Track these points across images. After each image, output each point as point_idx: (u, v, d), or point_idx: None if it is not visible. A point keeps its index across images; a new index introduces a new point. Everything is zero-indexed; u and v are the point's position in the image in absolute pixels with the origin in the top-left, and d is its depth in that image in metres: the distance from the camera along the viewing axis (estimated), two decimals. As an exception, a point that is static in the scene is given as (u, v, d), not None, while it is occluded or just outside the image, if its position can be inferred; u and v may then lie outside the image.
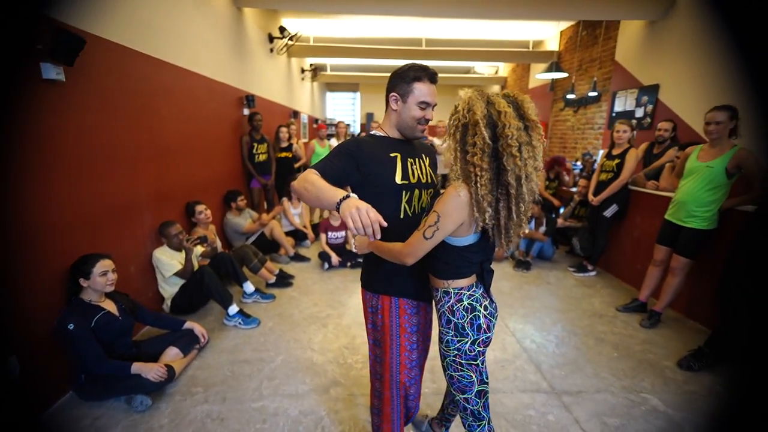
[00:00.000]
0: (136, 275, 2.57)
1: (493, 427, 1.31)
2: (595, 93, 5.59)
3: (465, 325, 1.19)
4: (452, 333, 1.21)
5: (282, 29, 5.48)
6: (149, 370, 1.88)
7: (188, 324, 2.31)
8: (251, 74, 4.78)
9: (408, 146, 1.35)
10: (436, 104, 1.32)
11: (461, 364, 1.22)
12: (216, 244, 3.21)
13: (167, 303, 2.76)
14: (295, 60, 7.43)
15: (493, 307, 1.25)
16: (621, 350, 2.46)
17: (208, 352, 2.36)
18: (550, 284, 3.57)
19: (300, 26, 5.66)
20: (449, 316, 1.20)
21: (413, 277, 1.33)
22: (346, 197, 0.99)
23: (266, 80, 5.48)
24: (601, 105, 5.72)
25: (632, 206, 3.54)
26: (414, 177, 1.30)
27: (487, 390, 1.26)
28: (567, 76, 6.45)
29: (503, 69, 9.81)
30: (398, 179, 1.27)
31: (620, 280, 3.67)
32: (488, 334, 1.22)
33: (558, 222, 4.28)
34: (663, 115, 4.28)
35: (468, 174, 1.06)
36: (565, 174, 4.84)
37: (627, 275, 3.61)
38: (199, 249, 3.00)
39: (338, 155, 1.23)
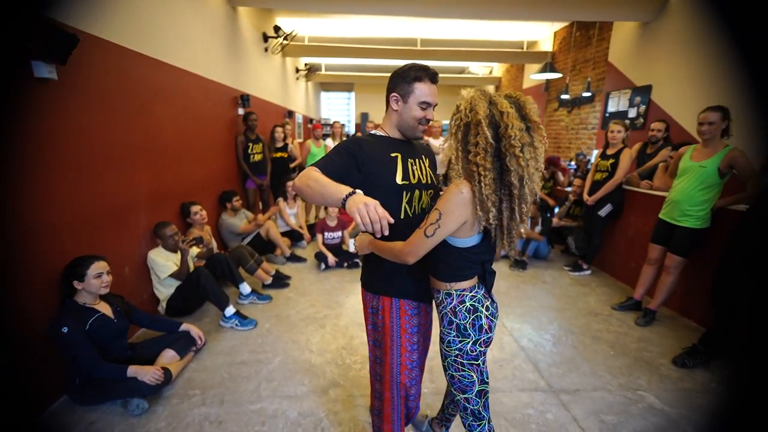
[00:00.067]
0: (131, 277, 2.54)
1: (493, 427, 1.32)
2: (589, 93, 5.65)
3: (467, 326, 1.19)
4: (454, 333, 1.21)
5: (277, 28, 5.45)
6: (145, 373, 1.86)
7: (184, 326, 2.28)
8: (246, 74, 4.75)
9: (408, 146, 1.35)
10: (437, 104, 1.32)
11: (462, 364, 1.22)
12: (212, 245, 3.18)
13: (162, 305, 2.73)
14: (290, 59, 7.40)
15: (494, 308, 1.25)
16: (617, 348, 2.49)
17: (205, 354, 2.34)
18: (546, 283, 3.59)
19: (295, 26, 5.64)
20: (451, 317, 1.20)
21: (414, 278, 1.33)
22: (352, 193, 0.98)
23: (261, 80, 5.44)
24: (595, 105, 5.77)
25: (627, 206, 3.58)
26: (414, 177, 1.30)
27: (488, 390, 1.26)
28: (561, 77, 6.50)
29: (497, 69, 9.86)
30: (399, 179, 1.26)
31: (615, 279, 3.71)
32: (489, 335, 1.23)
33: (553, 221, 4.31)
34: (655, 116, 4.33)
35: (470, 173, 1.06)
36: (561, 174, 4.88)
37: (622, 274, 3.64)
38: (195, 250, 2.97)
39: (339, 154, 1.22)
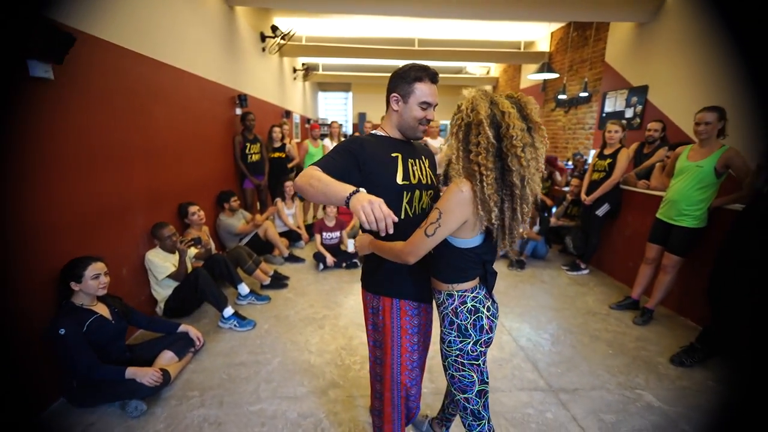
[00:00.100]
0: (128, 278, 2.52)
1: (493, 426, 1.32)
2: (586, 93, 5.67)
3: (468, 327, 1.19)
4: (455, 334, 1.21)
5: (274, 28, 5.44)
6: (144, 375, 1.85)
7: (183, 327, 2.27)
8: (243, 73, 4.73)
9: (409, 147, 1.35)
10: (437, 104, 1.32)
11: (463, 364, 1.23)
12: (210, 246, 3.17)
13: (160, 306, 2.71)
14: (287, 59, 7.38)
15: (495, 308, 1.25)
16: (615, 347, 2.50)
17: (204, 356, 2.33)
18: (545, 283, 3.61)
19: (292, 25, 5.62)
20: (452, 318, 1.20)
21: (414, 278, 1.33)
22: (356, 191, 0.98)
23: (258, 80, 5.43)
24: (592, 105, 5.80)
25: (624, 205, 3.59)
26: (415, 178, 1.30)
27: (487, 390, 1.26)
28: (558, 77, 6.53)
29: (495, 69, 9.89)
30: (399, 179, 1.26)
31: (612, 278, 3.72)
32: (490, 335, 1.23)
33: (551, 221, 4.32)
34: (652, 116, 4.36)
35: (472, 173, 1.06)
36: (558, 173, 4.90)
37: (619, 273, 3.66)
38: (193, 251, 2.96)
39: (340, 153, 1.22)
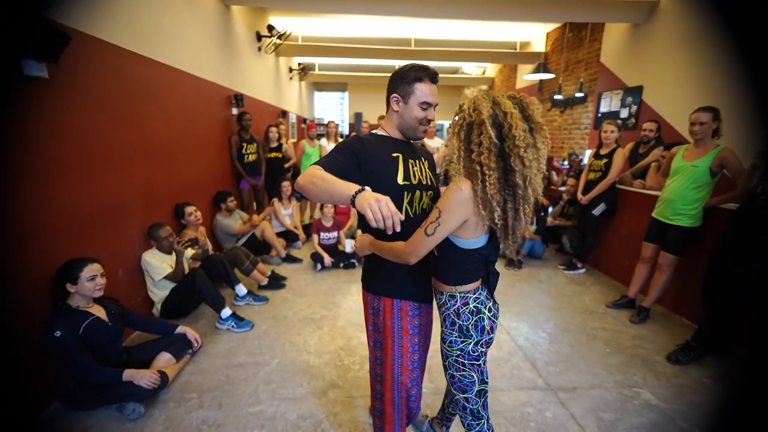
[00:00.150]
0: (125, 279, 2.50)
1: (492, 426, 1.32)
2: (582, 94, 5.71)
3: (469, 327, 1.19)
4: (456, 334, 1.21)
5: (270, 28, 5.42)
6: (142, 377, 1.83)
7: (180, 328, 2.25)
8: (240, 73, 4.71)
9: (409, 147, 1.35)
10: (438, 104, 1.32)
11: (464, 364, 1.23)
12: (207, 246, 3.15)
13: (157, 307, 2.69)
14: (283, 59, 7.35)
15: (496, 309, 1.26)
16: (612, 346, 2.52)
17: (202, 357, 2.31)
18: (542, 282, 3.62)
19: (288, 25, 5.60)
20: (454, 319, 1.21)
21: (415, 278, 1.33)
22: (361, 190, 0.97)
23: (255, 79, 5.40)
24: (587, 105, 5.84)
25: (620, 205, 3.62)
26: (415, 178, 1.30)
27: (487, 389, 1.27)
28: (554, 77, 6.56)
29: (490, 69, 9.92)
30: (400, 180, 1.26)
31: (609, 277, 3.75)
32: (491, 335, 1.23)
33: (548, 221, 4.35)
34: (647, 116, 4.40)
35: (473, 172, 1.06)
36: (554, 173, 4.92)
37: (615, 272, 3.69)
38: (190, 251, 2.94)
39: (342, 152, 1.21)
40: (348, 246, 3.99)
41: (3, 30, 1.58)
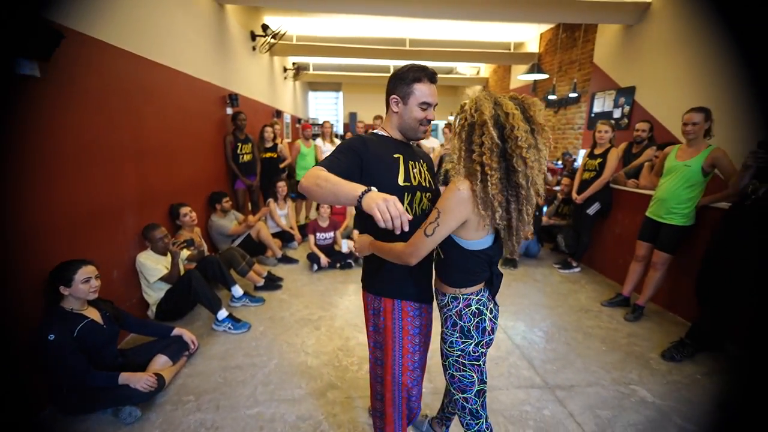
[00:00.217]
0: (119, 281, 2.47)
1: (491, 425, 1.33)
2: (575, 94, 5.76)
3: (471, 328, 1.20)
4: (457, 335, 1.22)
5: (264, 27, 5.39)
6: (138, 380, 1.81)
7: (177, 330, 2.23)
8: (234, 73, 4.67)
9: (409, 149, 1.35)
10: (437, 104, 1.32)
11: (464, 365, 1.23)
12: (203, 247, 3.12)
13: (152, 309, 2.66)
14: (278, 59, 7.31)
15: (497, 310, 1.27)
16: (608, 344, 2.54)
17: (198, 359, 2.29)
18: (537, 281, 3.65)
19: (282, 24, 5.57)
20: (456, 320, 1.21)
21: (415, 279, 1.33)
22: (368, 190, 0.97)
23: (249, 79, 5.37)
24: (581, 106, 5.89)
25: (614, 204, 3.65)
26: (415, 180, 1.30)
27: (486, 389, 1.27)
28: (548, 78, 6.61)
29: (485, 70, 9.96)
30: (401, 181, 1.26)
31: (604, 276, 3.79)
32: (491, 336, 1.24)
33: (543, 220, 4.38)
34: (639, 116, 4.45)
35: (473, 173, 1.06)
36: (549, 173, 4.96)
37: (610, 271, 3.73)
38: (186, 252, 2.91)
39: (344, 152, 1.21)
40: (344, 246, 3.98)
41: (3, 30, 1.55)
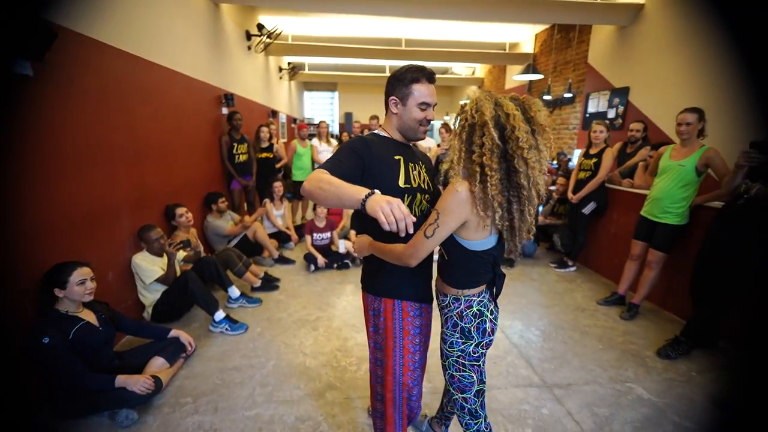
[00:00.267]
0: (114, 282, 2.44)
1: (490, 424, 1.33)
2: (570, 94, 5.79)
3: (471, 329, 1.20)
4: (458, 336, 1.22)
5: (260, 26, 5.36)
6: (135, 383, 1.79)
7: (174, 332, 2.21)
8: (229, 72, 4.64)
9: (409, 150, 1.35)
10: (437, 103, 1.32)
11: (464, 365, 1.24)
12: (199, 248, 3.10)
13: (148, 311, 2.63)
14: (273, 58, 7.28)
15: (497, 311, 1.27)
16: (604, 342, 2.56)
17: (195, 361, 2.27)
18: (534, 280, 3.67)
19: (278, 24, 5.55)
20: (456, 320, 1.21)
21: (415, 279, 1.33)
22: (371, 193, 0.97)
23: (244, 79, 5.34)
24: (576, 106, 5.93)
25: (609, 203, 3.68)
26: (415, 182, 1.31)
27: (485, 389, 1.28)
28: (543, 78, 6.65)
29: (480, 70, 10.00)
30: (402, 183, 1.27)
31: (599, 275, 3.82)
32: (491, 337, 1.25)
33: (539, 219, 4.40)
34: (633, 116, 4.49)
35: (473, 173, 1.06)
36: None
37: (605, 270, 3.76)
38: (182, 253, 2.88)
39: (347, 154, 1.20)
40: (341, 246, 3.97)
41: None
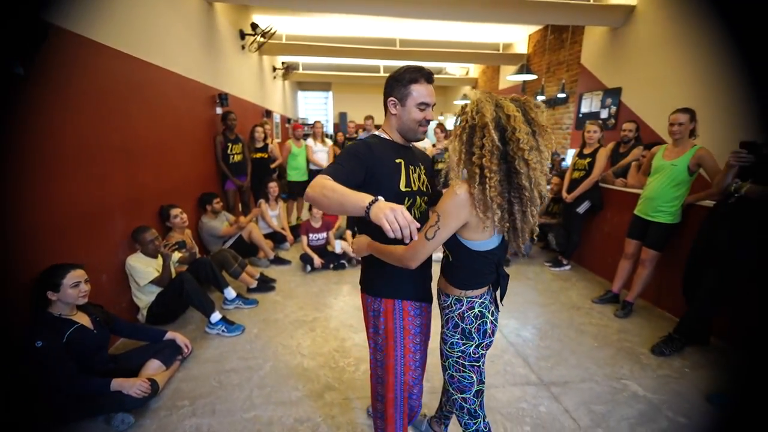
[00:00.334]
0: (108, 285, 2.41)
1: (489, 423, 1.34)
2: (564, 95, 5.85)
3: (472, 330, 1.21)
4: (458, 336, 1.22)
5: (254, 26, 5.33)
6: (131, 386, 1.77)
7: (170, 334, 2.18)
8: (223, 72, 4.61)
9: (409, 153, 1.36)
10: (435, 103, 1.33)
11: (464, 366, 1.24)
12: (194, 249, 3.07)
13: (143, 313, 2.60)
14: (267, 58, 7.24)
15: (498, 313, 1.28)
16: (600, 340, 2.59)
17: (192, 363, 2.25)
18: (530, 279, 3.69)
19: (272, 23, 5.52)
20: (458, 321, 1.22)
21: (415, 278, 1.34)
22: (375, 200, 0.96)
23: (238, 78, 5.30)
24: (569, 106, 5.99)
25: (604, 202, 3.72)
26: (414, 185, 1.31)
27: (484, 389, 1.29)
28: (536, 78, 6.70)
29: (474, 70, 10.04)
30: (402, 186, 1.27)
31: (593, 274, 3.85)
32: (491, 339, 1.25)
33: (533, 219, 4.43)
34: (626, 117, 4.54)
35: (472, 175, 1.07)
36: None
37: (599, 268, 3.80)
38: (177, 255, 2.86)
39: (349, 159, 1.20)
40: (337, 247, 3.97)
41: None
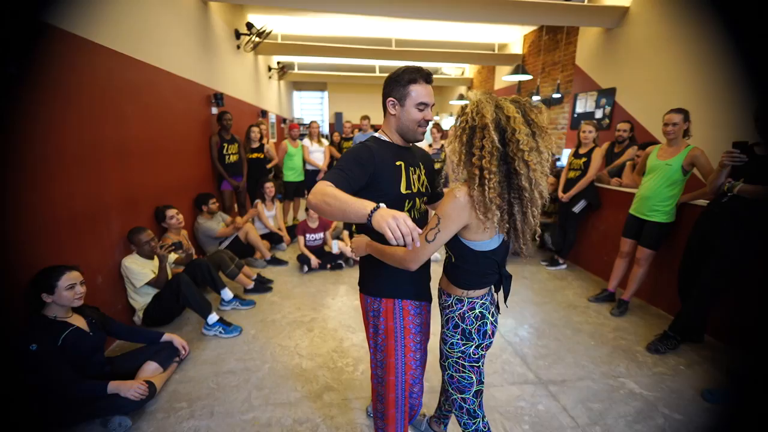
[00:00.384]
0: (104, 286, 2.38)
1: (488, 423, 1.35)
2: (559, 95, 5.88)
3: (472, 331, 1.21)
4: (458, 337, 1.23)
5: (249, 25, 5.30)
6: (128, 389, 1.75)
7: (167, 336, 2.17)
8: (219, 72, 4.58)
9: (409, 154, 1.36)
10: (434, 103, 1.33)
11: (464, 366, 1.25)
12: (191, 250, 3.05)
13: (139, 314, 2.58)
14: (262, 58, 7.21)
15: (498, 314, 1.28)
16: (596, 338, 2.61)
17: (189, 365, 2.24)
18: (526, 278, 3.71)
19: (267, 23, 5.50)
20: (458, 322, 1.22)
21: (414, 278, 1.34)
22: (377, 207, 0.96)
23: (234, 78, 5.27)
24: (564, 106, 6.03)
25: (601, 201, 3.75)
26: (414, 187, 1.32)
27: (483, 389, 1.29)
28: (531, 79, 6.73)
29: (469, 70, 10.07)
30: (403, 188, 1.27)
31: (589, 272, 3.88)
32: (491, 339, 1.26)
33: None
34: (620, 117, 4.59)
35: (472, 176, 1.07)
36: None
37: (595, 267, 3.83)
38: (173, 256, 2.83)
39: (352, 166, 1.19)
40: (335, 247, 3.96)
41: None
